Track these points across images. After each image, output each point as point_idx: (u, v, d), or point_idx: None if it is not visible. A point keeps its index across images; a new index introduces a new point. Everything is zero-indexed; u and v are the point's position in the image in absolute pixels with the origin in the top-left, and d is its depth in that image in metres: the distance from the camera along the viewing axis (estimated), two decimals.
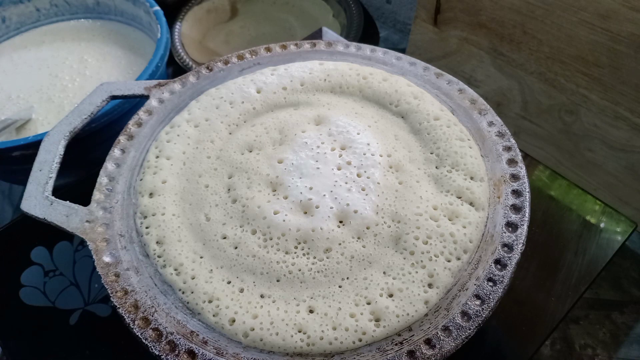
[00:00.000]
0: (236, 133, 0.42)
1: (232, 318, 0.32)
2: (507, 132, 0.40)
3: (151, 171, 0.40)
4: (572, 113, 0.72)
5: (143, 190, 0.39)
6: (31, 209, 0.37)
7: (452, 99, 0.43)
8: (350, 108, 0.43)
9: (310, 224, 0.35)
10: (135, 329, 0.31)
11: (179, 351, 0.30)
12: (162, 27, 0.64)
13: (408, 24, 1.18)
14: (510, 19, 0.71)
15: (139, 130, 0.43)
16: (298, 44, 0.48)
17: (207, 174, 0.39)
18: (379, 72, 0.45)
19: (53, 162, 0.40)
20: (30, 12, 0.75)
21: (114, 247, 0.35)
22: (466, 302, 0.31)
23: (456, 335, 0.30)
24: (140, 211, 0.37)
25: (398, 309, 0.32)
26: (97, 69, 0.71)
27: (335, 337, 0.31)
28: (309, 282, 0.33)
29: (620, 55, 0.62)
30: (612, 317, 0.79)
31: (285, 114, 0.43)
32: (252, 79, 0.45)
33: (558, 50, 0.68)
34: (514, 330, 0.42)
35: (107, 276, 0.34)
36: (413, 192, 0.37)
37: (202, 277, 0.34)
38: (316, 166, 0.38)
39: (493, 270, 0.32)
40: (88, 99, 0.44)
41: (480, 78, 0.82)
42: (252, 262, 0.34)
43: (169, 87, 0.45)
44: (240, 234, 0.36)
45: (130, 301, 0.32)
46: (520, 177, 0.37)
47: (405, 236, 0.35)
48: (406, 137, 0.41)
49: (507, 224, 0.35)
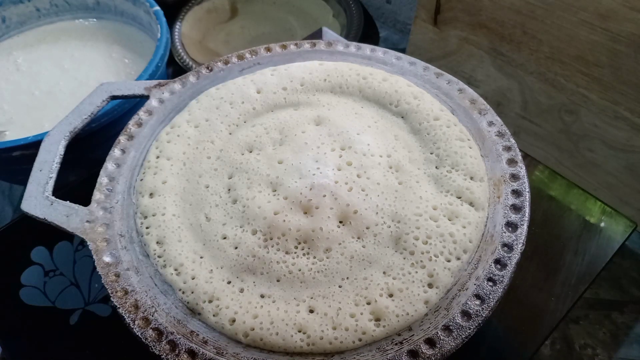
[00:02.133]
0: (236, 133, 0.42)
1: (232, 318, 0.32)
2: (507, 132, 0.40)
3: (151, 171, 0.40)
4: (572, 113, 0.72)
5: (143, 191, 0.39)
6: (31, 209, 0.37)
7: (452, 98, 0.43)
8: (350, 108, 0.43)
9: (311, 224, 0.35)
10: (135, 328, 0.31)
11: (179, 351, 0.30)
12: (162, 27, 0.64)
13: (408, 24, 1.17)
14: (510, 19, 0.71)
15: (139, 130, 0.43)
16: (298, 44, 0.48)
17: (207, 174, 0.39)
18: (378, 72, 0.45)
19: (53, 162, 0.40)
20: (30, 12, 0.75)
21: (114, 247, 0.35)
22: (466, 301, 0.31)
23: (456, 335, 0.30)
24: (140, 211, 0.38)
25: (398, 309, 0.32)
26: (97, 69, 0.71)
27: (335, 337, 0.31)
28: (309, 282, 0.33)
29: (620, 55, 0.62)
30: (612, 317, 0.79)
31: (285, 114, 0.43)
32: (252, 79, 0.45)
33: (558, 50, 0.68)
34: (514, 330, 0.42)
35: (107, 276, 0.34)
36: (413, 192, 0.37)
37: (202, 277, 0.34)
38: (316, 166, 0.38)
39: (493, 270, 0.32)
40: (88, 99, 0.44)
41: (480, 78, 0.82)
42: (252, 262, 0.34)
43: (169, 87, 0.45)
44: (240, 234, 0.36)
45: (130, 301, 0.32)
46: (520, 177, 0.37)
47: (405, 236, 0.35)
48: (406, 137, 0.41)
49: (507, 224, 0.35)
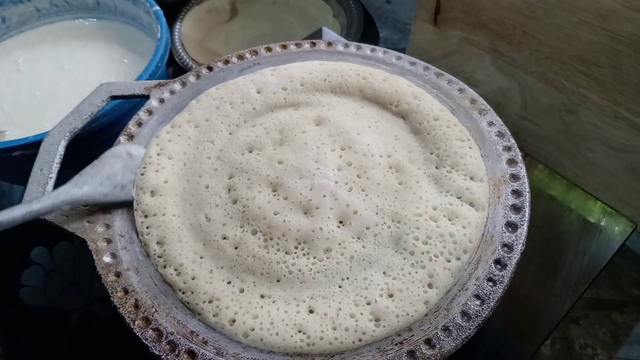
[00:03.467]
0: (236, 133, 0.42)
1: (232, 318, 0.32)
2: (507, 132, 0.40)
3: (153, 168, 0.40)
4: (572, 113, 0.72)
5: (145, 187, 0.39)
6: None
7: (452, 99, 0.43)
8: (350, 108, 0.43)
9: (311, 224, 0.35)
10: (135, 329, 0.31)
11: (179, 351, 0.30)
12: (162, 27, 0.64)
13: (408, 24, 1.17)
14: (510, 19, 0.71)
15: (140, 130, 0.43)
16: (298, 43, 0.48)
17: (207, 174, 0.39)
18: (379, 72, 0.45)
19: (53, 162, 0.40)
20: (30, 12, 0.75)
21: (114, 247, 0.35)
22: (466, 302, 0.31)
23: (456, 335, 0.30)
24: (141, 209, 0.37)
25: (398, 309, 0.32)
26: (96, 69, 0.71)
27: (335, 337, 0.31)
28: (309, 282, 0.33)
29: (620, 55, 0.62)
30: (612, 317, 0.79)
31: (285, 114, 0.43)
32: (252, 79, 0.45)
33: (558, 50, 0.68)
34: (514, 330, 0.42)
35: (107, 276, 0.34)
36: (413, 192, 0.37)
37: (203, 277, 0.34)
38: (316, 167, 0.38)
39: (493, 271, 0.32)
40: (88, 99, 0.44)
41: (480, 78, 0.82)
42: (252, 263, 0.34)
43: (169, 87, 0.45)
44: (240, 235, 0.36)
45: (130, 301, 0.32)
46: (520, 177, 0.37)
47: (405, 236, 0.35)
48: (406, 137, 0.41)
49: (507, 224, 0.35)
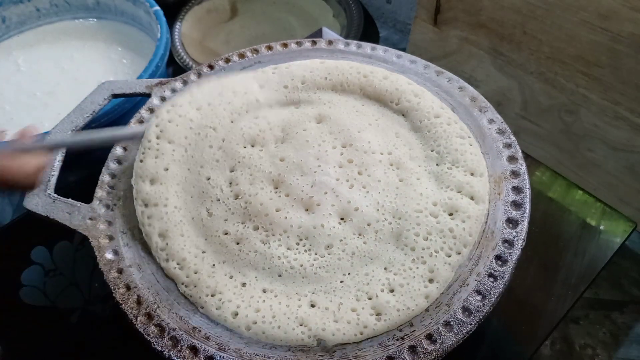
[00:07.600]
0: (239, 122, 0.42)
1: (235, 311, 0.32)
2: (508, 129, 0.40)
3: (152, 154, 0.39)
4: (572, 113, 0.72)
5: (144, 175, 0.38)
6: (34, 207, 0.37)
7: (453, 96, 0.43)
8: (351, 106, 0.43)
9: (312, 221, 0.36)
10: (137, 325, 0.31)
11: (181, 347, 0.30)
12: (162, 27, 0.65)
13: (408, 24, 1.18)
14: (510, 19, 0.71)
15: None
16: (299, 42, 0.48)
17: (208, 164, 0.39)
18: (379, 70, 0.45)
19: (55, 160, 0.40)
20: (30, 12, 0.75)
21: (116, 244, 0.35)
22: (467, 297, 0.31)
23: (457, 331, 0.30)
24: (141, 198, 0.37)
25: (399, 304, 0.32)
26: (97, 68, 0.71)
27: (338, 329, 0.31)
28: (311, 278, 0.33)
29: (620, 55, 0.62)
30: (612, 317, 0.79)
31: (286, 112, 0.43)
32: (253, 76, 0.45)
33: (558, 50, 0.68)
34: (514, 330, 0.42)
35: (109, 273, 0.34)
36: (413, 189, 0.37)
37: (205, 271, 0.34)
38: (317, 164, 0.38)
39: (494, 266, 0.32)
40: (90, 98, 0.44)
41: (480, 78, 0.83)
42: (254, 258, 0.34)
43: (170, 85, 0.45)
44: (242, 230, 0.36)
45: (133, 297, 0.32)
46: (520, 174, 0.37)
47: (406, 232, 0.35)
48: (407, 134, 0.41)
49: (508, 220, 0.35)
